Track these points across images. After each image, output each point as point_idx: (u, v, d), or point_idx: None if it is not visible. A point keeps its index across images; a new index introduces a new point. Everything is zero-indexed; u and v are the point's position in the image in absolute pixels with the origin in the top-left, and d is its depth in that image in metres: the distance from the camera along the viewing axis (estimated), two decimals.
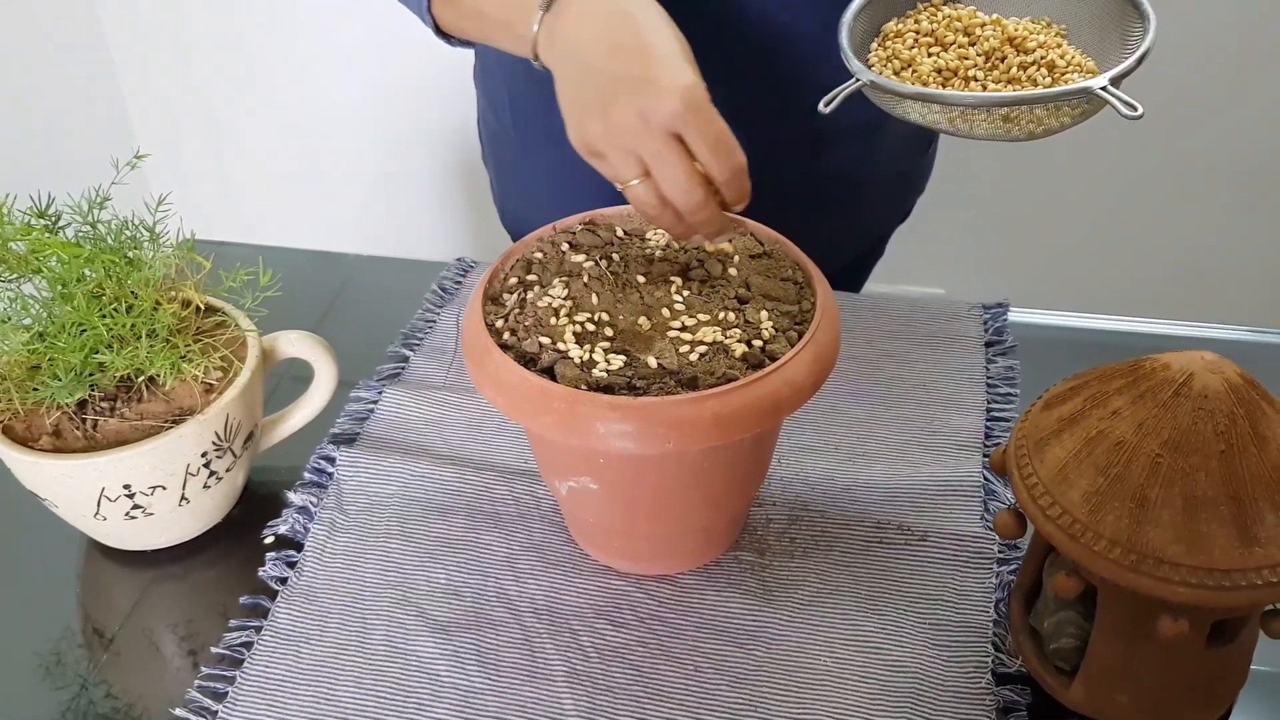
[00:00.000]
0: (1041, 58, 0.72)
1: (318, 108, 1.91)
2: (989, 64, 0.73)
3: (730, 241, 0.68)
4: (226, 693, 0.64)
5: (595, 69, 0.62)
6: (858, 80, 0.70)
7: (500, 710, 0.63)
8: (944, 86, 0.72)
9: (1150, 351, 0.57)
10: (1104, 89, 0.65)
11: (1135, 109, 0.64)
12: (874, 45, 0.76)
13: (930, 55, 0.74)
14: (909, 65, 0.73)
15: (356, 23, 1.76)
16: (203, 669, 0.66)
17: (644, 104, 0.59)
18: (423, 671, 0.65)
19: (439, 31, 0.76)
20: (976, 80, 0.72)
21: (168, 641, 0.69)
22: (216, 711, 0.63)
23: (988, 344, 0.86)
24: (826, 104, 0.70)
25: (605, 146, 0.62)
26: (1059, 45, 0.73)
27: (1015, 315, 0.89)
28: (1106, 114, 0.67)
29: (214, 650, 0.67)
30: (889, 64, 0.74)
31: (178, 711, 0.64)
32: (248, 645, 0.67)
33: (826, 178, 0.95)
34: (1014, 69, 0.72)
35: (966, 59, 0.73)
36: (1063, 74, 0.71)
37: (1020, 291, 0.95)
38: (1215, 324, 0.89)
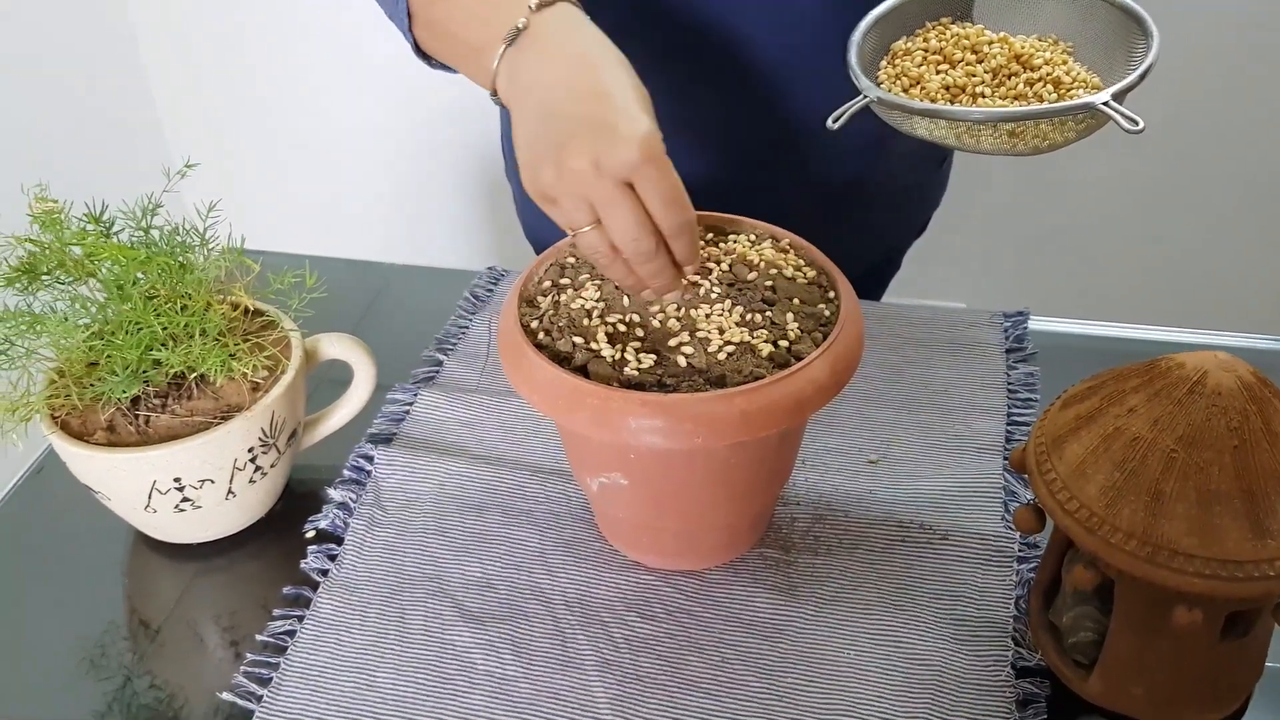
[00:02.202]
0: (1048, 74, 0.73)
1: (350, 127, 1.95)
2: (996, 81, 0.74)
3: (683, 299, 0.66)
4: (271, 678, 0.67)
5: (552, 113, 0.61)
6: (865, 97, 0.72)
7: (533, 697, 0.65)
8: (952, 103, 0.74)
9: None
10: (1106, 104, 0.67)
11: (1137, 123, 0.65)
12: (883, 63, 0.78)
13: (939, 73, 0.75)
14: (917, 82, 0.75)
15: (389, 49, 1.80)
16: (248, 656, 0.68)
17: (599, 150, 0.58)
18: (458, 660, 0.67)
19: (418, 51, 0.75)
20: (984, 97, 0.73)
21: (211, 632, 0.72)
22: (261, 696, 0.66)
23: (1008, 351, 0.88)
24: (834, 120, 0.72)
25: (558, 192, 0.61)
26: (1064, 62, 0.74)
27: (1035, 323, 0.91)
28: (1118, 128, 0.69)
29: (259, 638, 0.69)
30: (898, 81, 0.76)
31: (225, 696, 0.66)
32: (291, 634, 0.69)
33: (835, 189, 0.97)
34: (1020, 85, 0.73)
35: (974, 76, 0.74)
36: (1068, 90, 0.73)
37: (1040, 303, 0.97)
38: (1231, 331, 0.90)
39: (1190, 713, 0.61)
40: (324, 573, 0.73)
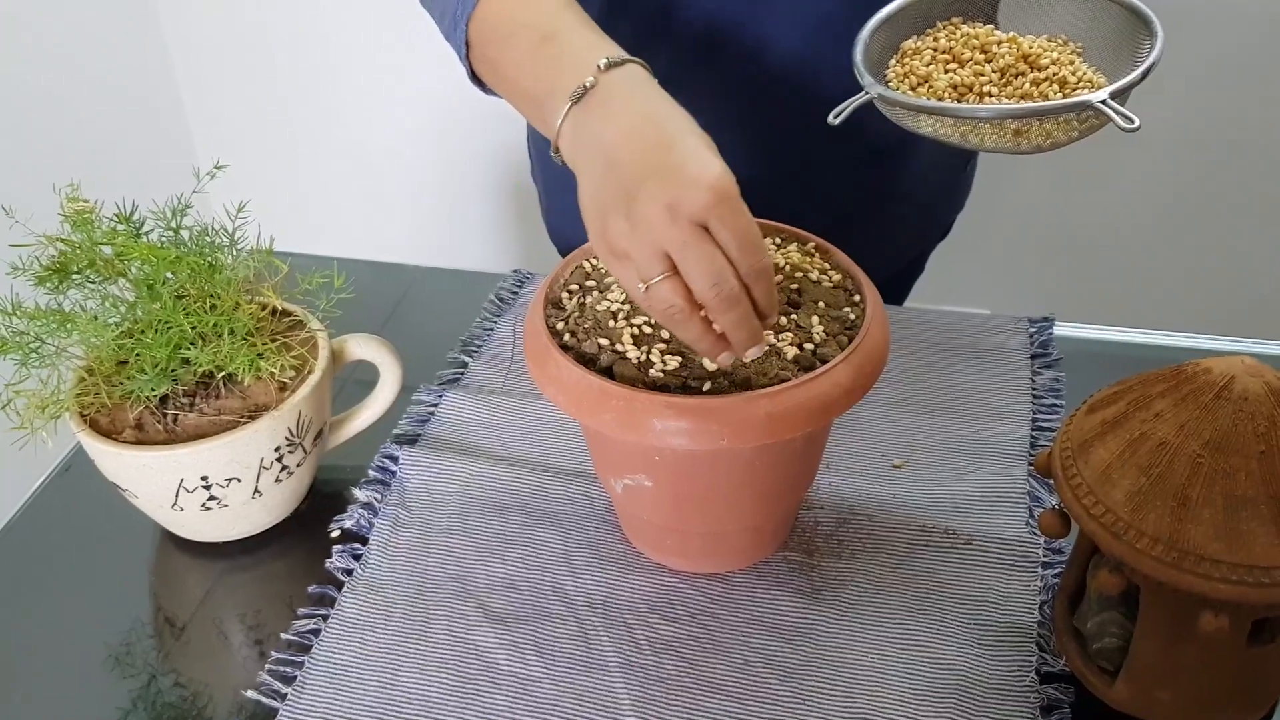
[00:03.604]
0: (1054, 74, 0.73)
1: (378, 130, 1.96)
2: (1003, 80, 0.74)
3: (763, 359, 0.63)
4: (295, 677, 0.67)
5: (619, 164, 0.59)
6: (866, 93, 0.72)
7: (557, 698, 0.65)
8: (959, 102, 0.73)
9: None
10: (1104, 102, 0.66)
11: (1132, 122, 0.65)
12: (892, 62, 0.78)
13: (947, 71, 0.75)
14: (925, 81, 0.75)
15: (417, 54, 1.82)
16: (273, 654, 0.69)
17: (672, 195, 0.56)
18: (482, 660, 0.67)
19: (474, 79, 0.74)
20: (991, 96, 0.73)
21: (236, 631, 0.72)
22: (286, 694, 0.66)
23: (1033, 356, 0.88)
24: (836, 116, 0.72)
25: (629, 243, 0.58)
26: (1071, 62, 0.74)
27: (1060, 329, 0.91)
28: (1150, 131, 0.68)
29: (284, 637, 0.70)
30: (906, 80, 0.76)
31: (249, 694, 0.67)
32: (315, 633, 0.70)
33: (861, 194, 0.97)
34: (1027, 85, 0.73)
35: (982, 75, 0.74)
36: (1073, 90, 0.72)
37: (1065, 309, 0.97)
38: (1258, 339, 0.90)
39: (1217, 719, 0.61)
40: (349, 572, 0.74)
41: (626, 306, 0.67)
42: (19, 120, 1.61)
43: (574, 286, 0.70)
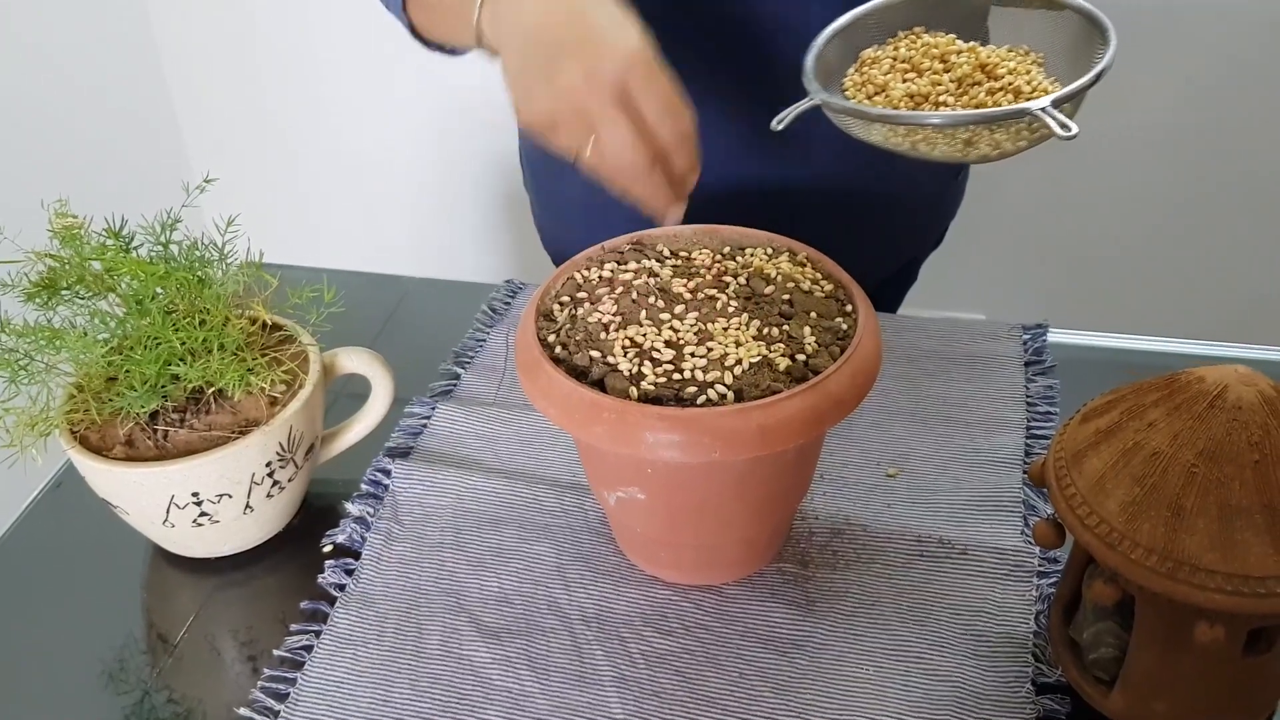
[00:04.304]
0: (1009, 84, 0.72)
1: (368, 142, 1.96)
2: (960, 90, 0.74)
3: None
4: (288, 693, 0.67)
5: (538, 41, 0.62)
6: (811, 99, 0.72)
7: (550, 713, 0.65)
8: (916, 111, 0.73)
9: None
10: (1043, 110, 0.66)
11: (1069, 130, 0.64)
12: (850, 70, 0.78)
13: (905, 81, 0.75)
14: (882, 90, 0.75)
15: (408, 64, 1.82)
16: (265, 671, 0.68)
17: (588, 64, 0.60)
18: (475, 675, 0.67)
19: (414, 32, 0.76)
20: (947, 105, 0.73)
21: (229, 647, 0.72)
22: (279, 712, 0.66)
23: (1027, 364, 0.88)
24: (779, 122, 0.72)
25: (554, 114, 0.61)
26: (1028, 72, 0.74)
27: (1054, 336, 0.90)
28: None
29: (276, 653, 0.69)
30: (863, 89, 0.75)
31: (241, 711, 0.66)
32: (308, 649, 0.69)
33: (851, 200, 0.97)
34: (982, 95, 0.73)
35: (939, 85, 0.74)
36: (1027, 99, 0.72)
37: (1059, 316, 0.97)
38: (1252, 344, 0.90)
39: None
40: (341, 587, 0.73)
41: (618, 318, 0.66)
42: (9, 134, 1.61)
43: (565, 298, 0.70)
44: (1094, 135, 1.66)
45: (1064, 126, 0.65)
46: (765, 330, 0.65)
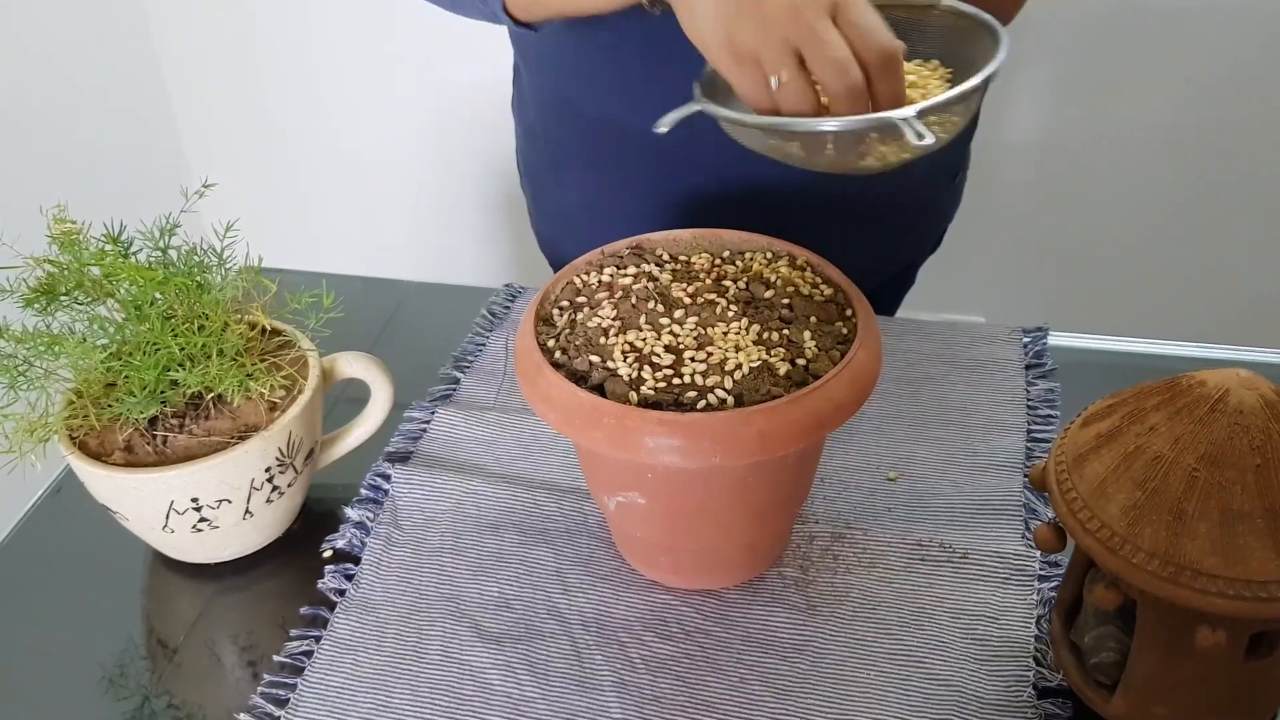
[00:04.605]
0: (910, 99, 0.72)
1: (367, 146, 1.96)
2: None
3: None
4: (288, 699, 0.67)
5: None
6: (691, 105, 0.71)
7: (550, 718, 0.64)
8: None
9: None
10: (905, 120, 0.64)
11: (922, 138, 0.63)
12: None
13: None
14: None
15: (407, 67, 1.82)
16: (265, 676, 0.68)
17: None
18: (475, 680, 0.67)
19: (506, 15, 0.75)
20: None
21: (229, 652, 0.72)
22: (279, 717, 0.66)
23: (1027, 367, 0.87)
24: (661, 125, 0.71)
25: (759, 42, 0.61)
26: (926, 85, 0.73)
27: (1055, 339, 0.90)
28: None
29: (276, 659, 0.69)
30: None
31: (241, 716, 0.66)
32: (308, 654, 0.69)
33: (848, 204, 0.96)
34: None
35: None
36: None
37: (1059, 318, 0.96)
38: (1253, 347, 0.90)
39: None
40: (341, 592, 0.73)
41: (618, 322, 0.66)
42: (8, 138, 1.60)
43: (565, 303, 0.70)
44: (1094, 136, 1.66)
45: (919, 135, 0.64)
46: (765, 335, 0.65)
